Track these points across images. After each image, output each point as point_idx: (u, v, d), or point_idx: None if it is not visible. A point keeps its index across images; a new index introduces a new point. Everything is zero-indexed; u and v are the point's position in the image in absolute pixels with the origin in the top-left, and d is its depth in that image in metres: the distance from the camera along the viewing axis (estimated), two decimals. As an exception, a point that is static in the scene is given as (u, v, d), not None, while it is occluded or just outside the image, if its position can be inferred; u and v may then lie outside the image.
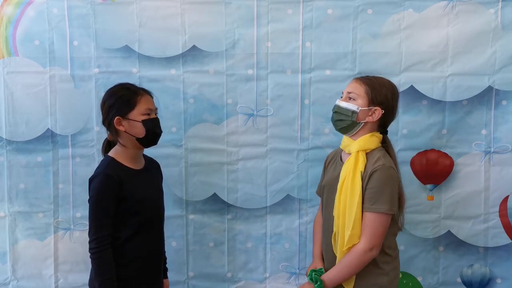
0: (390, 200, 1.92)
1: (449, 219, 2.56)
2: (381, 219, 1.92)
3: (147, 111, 2.07)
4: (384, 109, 1.98)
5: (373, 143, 2.00)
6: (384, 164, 1.92)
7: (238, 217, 2.60)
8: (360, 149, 1.97)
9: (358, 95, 1.99)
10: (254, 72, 2.51)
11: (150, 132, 2.07)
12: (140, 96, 2.07)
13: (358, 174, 1.94)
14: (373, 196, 1.91)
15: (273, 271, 2.63)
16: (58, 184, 2.56)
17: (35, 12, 2.48)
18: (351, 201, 1.93)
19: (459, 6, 2.44)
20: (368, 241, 1.91)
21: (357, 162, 1.96)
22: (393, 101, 2.02)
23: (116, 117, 2.04)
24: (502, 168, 2.52)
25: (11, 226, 2.58)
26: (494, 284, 2.59)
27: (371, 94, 1.97)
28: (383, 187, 1.91)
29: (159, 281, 2.22)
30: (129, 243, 2.05)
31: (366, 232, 1.92)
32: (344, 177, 1.98)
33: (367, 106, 1.98)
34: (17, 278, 2.61)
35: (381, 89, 1.99)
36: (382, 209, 1.91)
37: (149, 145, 2.14)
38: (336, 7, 2.47)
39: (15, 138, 2.54)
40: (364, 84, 2.00)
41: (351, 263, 1.94)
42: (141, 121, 2.05)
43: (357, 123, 2.00)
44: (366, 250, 1.91)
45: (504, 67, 2.46)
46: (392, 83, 2.06)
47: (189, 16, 2.48)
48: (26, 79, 2.51)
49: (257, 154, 2.56)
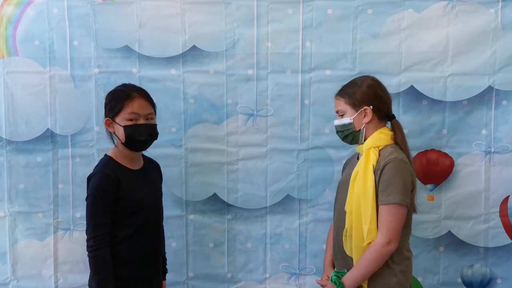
0: (403, 191, 1.91)
1: (450, 219, 2.56)
2: (396, 211, 1.91)
3: (132, 116, 2.04)
4: (371, 104, 2.01)
5: (382, 139, 2.01)
6: (396, 157, 1.94)
7: (238, 217, 2.60)
8: (371, 146, 2.00)
9: (343, 109, 2.06)
10: (254, 72, 2.51)
11: (130, 138, 2.04)
12: (129, 100, 2.04)
13: (370, 168, 1.95)
14: (386, 188, 1.92)
15: (273, 272, 2.62)
16: (57, 184, 2.56)
17: (35, 12, 2.48)
18: (365, 195, 1.93)
19: (459, 6, 2.44)
20: (384, 235, 1.90)
21: (368, 157, 1.98)
22: (371, 90, 2.03)
23: (106, 118, 2.07)
24: (503, 168, 2.52)
25: (11, 226, 2.57)
26: (495, 284, 2.59)
27: (351, 101, 2.03)
28: (395, 178, 1.92)
29: (158, 282, 2.21)
30: (126, 243, 2.04)
31: (382, 226, 1.91)
32: (356, 172, 2.00)
33: (356, 113, 2.02)
34: (17, 278, 2.60)
35: (355, 91, 2.03)
36: (395, 200, 1.90)
37: (135, 150, 2.10)
38: (336, 7, 2.47)
39: (15, 138, 2.53)
40: (341, 97, 2.07)
41: (369, 260, 1.93)
42: (123, 126, 2.04)
43: (358, 130, 2.04)
44: (384, 244, 1.90)
45: (504, 67, 2.46)
46: (364, 76, 2.10)
47: (189, 16, 2.49)
48: (26, 79, 2.51)
49: (257, 154, 2.56)
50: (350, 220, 1.99)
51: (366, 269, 1.94)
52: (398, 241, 1.92)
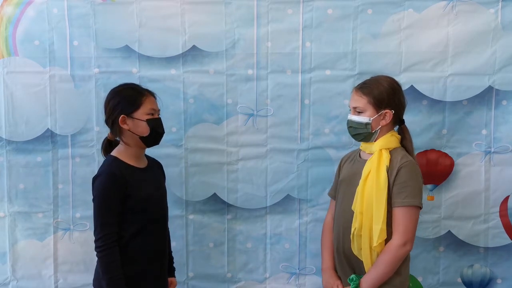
0: (419, 193, 1.97)
1: (450, 219, 2.56)
2: (412, 213, 1.95)
3: (151, 111, 2.11)
4: (393, 109, 2.02)
5: (393, 142, 2.04)
6: (411, 160, 1.99)
7: (238, 217, 2.60)
8: (382, 147, 2.01)
9: (363, 107, 2.03)
10: (254, 72, 2.51)
11: (153, 131, 2.10)
12: (145, 97, 2.11)
13: (383, 168, 1.96)
14: (403, 190, 1.93)
15: (273, 272, 2.62)
16: (57, 184, 2.55)
17: (35, 12, 2.48)
18: (378, 196, 1.94)
19: (459, 6, 2.44)
20: (401, 236, 1.92)
21: (381, 158, 1.99)
22: (396, 95, 2.04)
23: (121, 116, 2.06)
24: (503, 168, 2.52)
25: (10, 226, 2.57)
26: (495, 284, 2.59)
27: (374, 102, 2.01)
28: (412, 181, 1.95)
29: (164, 280, 2.21)
30: (133, 242, 2.04)
31: (398, 227, 1.93)
32: (367, 172, 1.99)
33: (376, 114, 2.02)
34: (17, 278, 2.60)
35: (381, 93, 2.01)
36: (413, 202, 1.94)
37: (152, 145, 2.16)
38: (336, 7, 2.47)
39: (14, 138, 2.53)
40: (364, 95, 2.03)
41: (386, 261, 1.94)
42: (145, 120, 2.07)
43: (374, 131, 2.04)
44: (400, 245, 1.92)
45: (504, 67, 2.46)
46: (389, 77, 2.09)
47: (189, 16, 2.48)
48: (26, 79, 2.51)
49: (257, 154, 2.56)
50: (360, 220, 1.99)
51: (384, 271, 1.95)
52: (413, 243, 1.96)
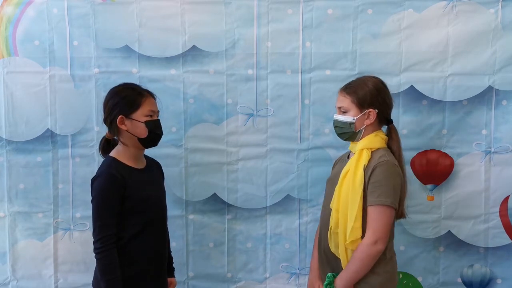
0: (393, 194, 1.95)
1: (450, 219, 2.56)
2: (384, 212, 1.94)
3: (150, 113, 2.10)
4: (376, 108, 2.02)
5: (377, 142, 2.04)
6: (388, 160, 1.97)
7: (238, 217, 2.60)
8: (364, 147, 2.02)
9: (347, 107, 2.05)
10: (254, 72, 2.51)
11: (152, 133, 2.09)
12: (145, 98, 2.10)
13: (360, 167, 1.97)
14: (376, 189, 1.94)
15: (273, 272, 2.62)
16: (57, 184, 2.55)
17: (35, 12, 2.48)
18: (354, 193, 1.96)
19: (459, 6, 2.44)
20: (372, 235, 1.93)
21: (360, 157, 2.00)
22: (381, 95, 2.04)
23: (119, 116, 2.06)
24: (503, 168, 2.52)
25: (10, 226, 2.57)
26: (495, 284, 2.59)
27: (358, 102, 2.03)
28: (386, 181, 1.94)
29: (163, 280, 2.21)
30: (132, 243, 2.05)
31: (370, 225, 1.94)
32: (346, 171, 2.02)
33: (360, 113, 2.03)
34: (17, 278, 2.60)
35: (364, 93, 2.03)
36: (385, 202, 1.93)
37: (150, 146, 2.15)
38: (336, 7, 2.47)
39: (14, 138, 2.53)
40: (347, 95, 2.06)
41: (357, 259, 1.95)
42: (144, 122, 2.07)
43: (358, 130, 2.05)
44: (371, 243, 1.93)
45: (504, 67, 2.46)
46: (374, 77, 2.10)
47: (189, 16, 2.48)
48: (26, 79, 2.51)
49: (257, 154, 2.56)
50: (336, 218, 2.01)
51: (356, 269, 1.96)
52: (386, 242, 1.95)
